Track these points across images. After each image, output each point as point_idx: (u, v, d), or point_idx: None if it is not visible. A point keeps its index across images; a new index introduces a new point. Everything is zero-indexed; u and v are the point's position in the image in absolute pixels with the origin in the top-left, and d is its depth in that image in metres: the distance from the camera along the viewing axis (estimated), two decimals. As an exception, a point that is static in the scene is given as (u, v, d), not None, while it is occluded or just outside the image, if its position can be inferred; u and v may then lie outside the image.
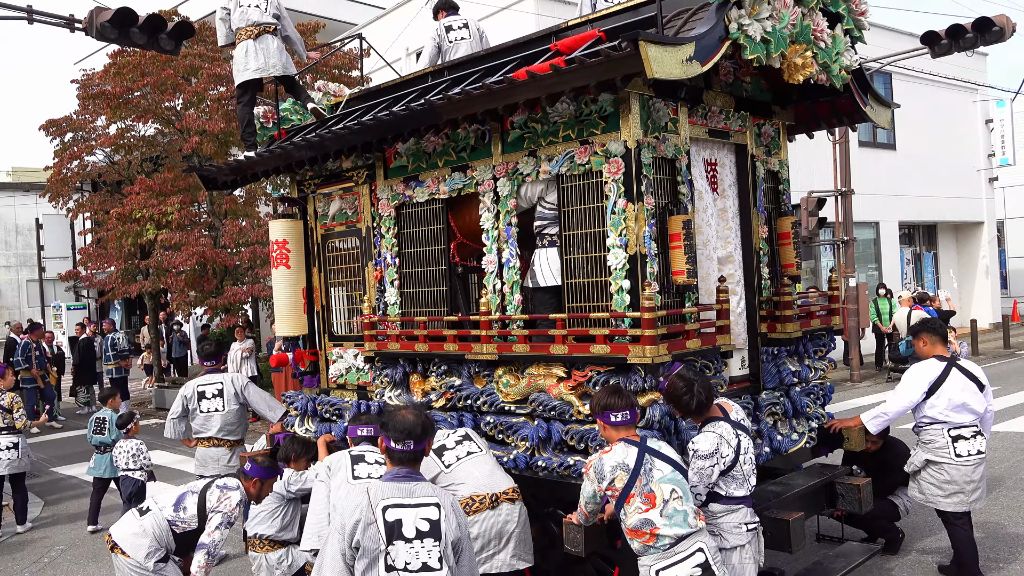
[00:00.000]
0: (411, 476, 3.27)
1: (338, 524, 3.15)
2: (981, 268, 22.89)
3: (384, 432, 3.30)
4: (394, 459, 3.30)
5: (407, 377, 5.80)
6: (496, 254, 5.23)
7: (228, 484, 4.90)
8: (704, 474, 4.04)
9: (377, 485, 3.23)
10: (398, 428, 3.26)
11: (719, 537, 4.08)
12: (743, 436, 4.17)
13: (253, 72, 7.04)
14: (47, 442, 13.52)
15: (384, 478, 3.28)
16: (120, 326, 26.86)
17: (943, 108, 20.91)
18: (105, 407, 8.33)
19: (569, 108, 4.75)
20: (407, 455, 3.28)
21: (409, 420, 3.30)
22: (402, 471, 3.27)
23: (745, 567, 4.09)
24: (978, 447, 5.34)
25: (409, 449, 3.27)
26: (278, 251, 6.72)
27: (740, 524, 4.12)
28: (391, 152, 5.88)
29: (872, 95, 5.64)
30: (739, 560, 4.08)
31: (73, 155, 16.67)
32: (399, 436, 3.25)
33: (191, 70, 14.71)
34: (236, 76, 7.22)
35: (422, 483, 3.28)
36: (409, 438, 3.25)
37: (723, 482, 4.11)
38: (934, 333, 5.60)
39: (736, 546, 4.08)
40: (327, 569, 3.13)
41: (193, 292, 14.98)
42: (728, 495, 4.11)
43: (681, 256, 4.60)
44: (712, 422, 4.16)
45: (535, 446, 4.92)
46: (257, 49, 7.04)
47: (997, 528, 6.61)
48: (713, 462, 4.04)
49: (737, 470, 4.11)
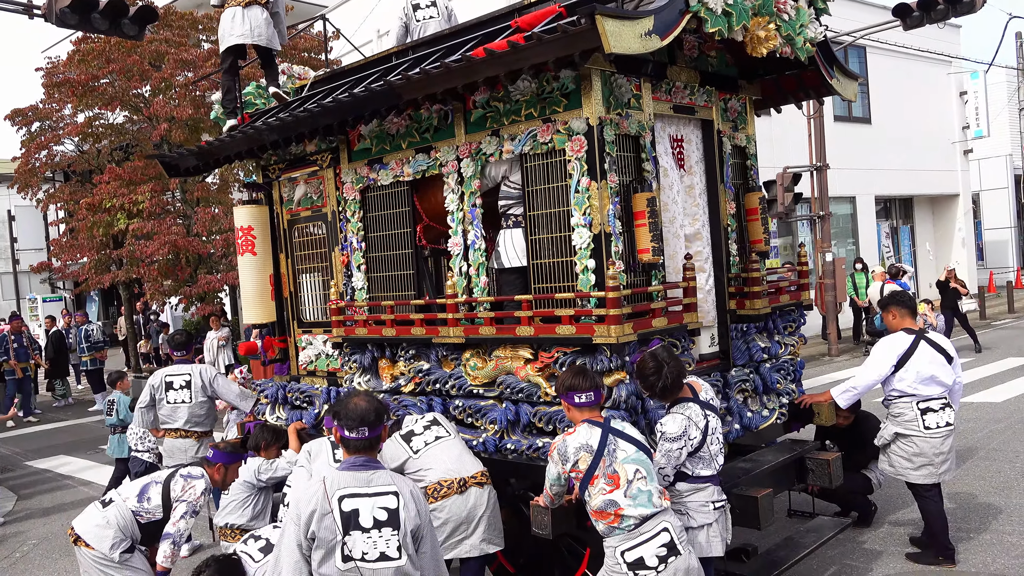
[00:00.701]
0: (368, 464, 3.21)
1: (293, 514, 3.10)
2: (957, 240, 23.05)
3: (337, 421, 3.24)
4: (349, 448, 3.24)
5: (376, 362, 5.73)
6: (462, 236, 5.16)
7: (192, 473, 4.84)
8: (672, 456, 4.03)
9: (333, 474, 3.17)
10: (351, 416, 3.20)
11: (686, 516, 4.07)
12: (711, 416, 4.15)
13: (237, 37, 7.01)
14: (21, 436, 13.38)
15: (340, 467, 3.22)
16: (98, 317, 26.60)
17: (918, 81, 20.95)
18: (115, 389, 8.27)
19: (531, 86, 4.67)
20: (362, 443, 3.22)
21: (361, 407, 3.23)
22: (359, 460, 3.22)
23: (712, 545, 4.08)
24: (947, 419, 5.36)
25: (364, 436, 3.21)
26: (244, 238, 6.62)
27: (707, 503, 4.10)
28: (355, 135, 5.78)
29: (838, 68, 5.60)
30: (706, 539, 4.07)
31: (40, 145, 16.41)
32: (352, 424, 3.19)
33: (157, 56, 14.47)
34: (221, 42, 7.18)
35: (380, 471, 3.22)
36: (363, 425, 3.19)
37: (690, 463, 4.09)
38: (903, 306, 5.60)
39: (703, 524, 4.07)
40: (284, 561, 3.08)
41: (169, 281, 14.83)
42: (695, 475, 4.09)
43: (646, 234, 4.55)
44: (681, 403, 4.13)
45: (504, 429, 4.88)
46: (244, 16, 7.01)
47: (969, 498, 6.67)
48: (681, 444, 4.01)
49: (704, 451, 4.09)
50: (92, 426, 13.81)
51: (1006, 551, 5.57)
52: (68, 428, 13.89)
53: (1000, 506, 6.43)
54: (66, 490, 9.53)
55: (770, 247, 5.74)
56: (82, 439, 12.66)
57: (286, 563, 3.07)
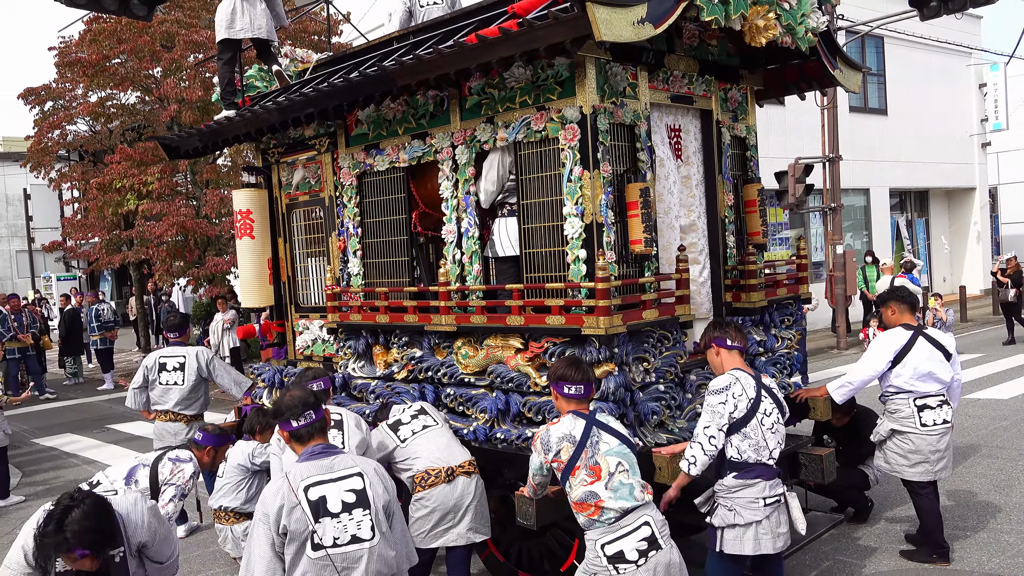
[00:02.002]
0: (327, 451, 3.22)
1: (260, 513, 3.10)
2: (972, 234, 22.79)
3: (280, 420, 3.25)
4: (302, 439, 3.25)
5: (370, 348, 5.73)
6: (455, 223, 5.13)
7: (180, 456, 4.85)
8: (716, 413, 3.95)
9: (295, 467, 3.17)
10: (292, 406, 3.23)
11: (732, 513, 4.01)
12: (767, 399, 4.09)
13: (238, 31, 6.99)
14: (30, 413, 13.51)
15: (300, 459, 3.22)
16: (111, 296, 26.82)
17: (936, 72, 20.66)
18: None
19: (525, 73, 4.62)
20: (313, 427, 3.24)
21: (297, 395, 3.29)
22: (317, 448, 3.22)
23: (761, 542, 4.00)
24: (944, 416, 5.29)
25: (311, 420, 3.24)
26: (242, 221, 6.62)
27: (756, 499, 4.00)
28: (352, 119, 5.75)
29: (841, 58, 5.51)
30: (754, 536, 3.99)
31: (53, 124, 16.47)
32: (296, 411, 3.22)
33: (168, 37, 14.46)
34: (219, 32, 7.14)
35: (340, 455, 3.23)
36: (306, 408, 3.22)
37: (736, 440, 4.02)
38: (902, 301, 5.53)
39: (751, 522, 3.99)
40: (256, 562, 3.08)
41: (179, 262, 14.89)
42: (743, 460, 4.01)
43: (639, 225, 4.51)
44: (735, 370, 4.12)
45: (494, 418, 4.86)
46: (244, 8, 6.98)
47: (968, 496, 6.60)
48: (723, 399, 3.96)
49: (753, 428, 4.01)
50: (100, 405, 13.93)
51: (1002, 550, 5.51)
52: (76, 407, 14.00)
53: (999, 505, 6.36)
54: (70, 468, 9.61)
55: (770, 239, 5.67)
56: (90, 417, 12.76)
57: (258, 564, 3.07)
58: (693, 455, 4.00)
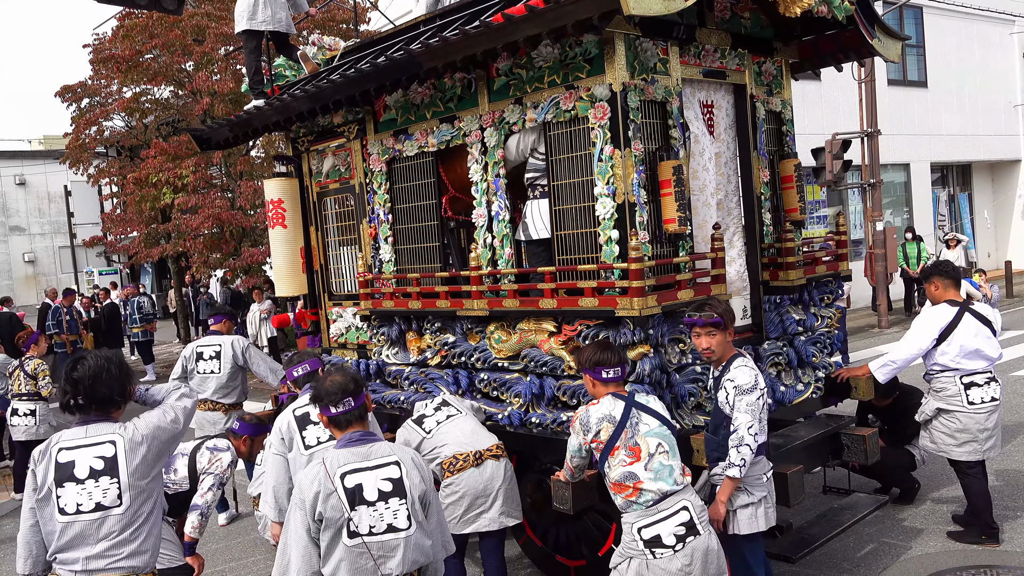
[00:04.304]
0: (365, 438, 3.18)
1: (298, 499, 3.08)
2: (1018, 208, 22.16)
3: (320, 404, 3.21)
4: (341, 425, 3.21)
5: (403, 335, 5.71)
6: (486, 207, 5.07)
7: (218, 445, 4.88)
8: (756, 409, 3.84)
9: (332, 453, 3.14)
10: (331, 392, 3.17)
11: (745, 493, 3.94)
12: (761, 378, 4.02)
13: (260, 23, 7.16)
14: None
15: (337, 445, 3.19)
16: (151, 290, 27.22)
17: (978, 42, 20.08)
18: None
19: (553, 52, 4.54)
20: (352, 414, 3.19)
21: (339, 380, 3.22)
22: (355, 435, 3.18)
23: (770, 517, 4.00)
24: (992, 394, 5.14)
25: (351, 407, 3.18)
26: (274, 211, 6.63)
27: (761, 475, 3.99)
28: (380, 105, 5.72)
29: (880, 27, 5.33)
30: (764, 512, 3.97)
31: (90, 120, 16.70)
32: (335, 398, 3.16)
33: (198, 30, 14.56)
34: (239, 22, 7.26)
35: (378, 443, 3.19)
36: (346, 396, 3.17)
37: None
38: (946, 276, 5.37)
39: (761, 498, 3.96)
40: (292, 548, 3.06)
41: (216, 254, 15.05)
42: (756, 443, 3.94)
43: (672, 203, 4.41)
44: (736, 358, 4.00)
45: (528, 402, 4.82)
46: (266, 1, 7.16)
47: (1016, 476, 6.42)
48: (758, 394, 3.88)
49: (763, 410, 3.95)
50: (142, 396, 14.11)
51: (1054, 531, 5.35)
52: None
53: (1050, 484, 6.19)
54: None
55: (808, 216, 5.54)
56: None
57: (295, 551, 3.06)
58: (742, 458, 3.82)
